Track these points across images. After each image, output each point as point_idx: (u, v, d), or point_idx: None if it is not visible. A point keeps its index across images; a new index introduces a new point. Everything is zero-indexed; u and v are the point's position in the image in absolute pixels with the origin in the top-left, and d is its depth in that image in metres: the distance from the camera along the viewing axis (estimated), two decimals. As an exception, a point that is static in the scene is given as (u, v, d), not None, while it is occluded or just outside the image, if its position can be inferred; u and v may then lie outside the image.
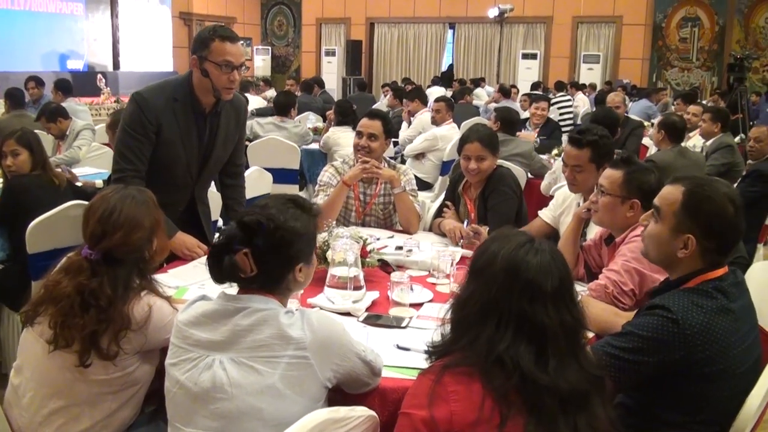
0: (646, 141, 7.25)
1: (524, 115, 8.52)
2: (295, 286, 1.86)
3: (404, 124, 8.11)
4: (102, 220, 2.05)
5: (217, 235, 2.53)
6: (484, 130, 3.75)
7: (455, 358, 1.53)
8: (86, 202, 2.21)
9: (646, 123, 8.45)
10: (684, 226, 1.94)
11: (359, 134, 3.67)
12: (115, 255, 2.04)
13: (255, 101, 9.19)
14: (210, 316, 1.74)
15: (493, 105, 10.86)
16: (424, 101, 7.76)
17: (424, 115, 7.37)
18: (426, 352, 1.67)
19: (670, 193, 2.00)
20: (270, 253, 1.75)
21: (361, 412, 1.62)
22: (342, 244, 2.57)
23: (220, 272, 1.78)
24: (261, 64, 19.70)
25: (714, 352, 1.82)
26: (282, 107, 6.78)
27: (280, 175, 6.11)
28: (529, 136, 6.61)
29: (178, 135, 2.96)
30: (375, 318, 2.41)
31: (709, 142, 6.11)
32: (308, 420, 1.52)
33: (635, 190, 2.61)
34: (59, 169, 4.13)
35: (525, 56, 16.61)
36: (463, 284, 1.64)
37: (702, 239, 1.92)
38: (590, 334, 2.08)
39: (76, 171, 5.22)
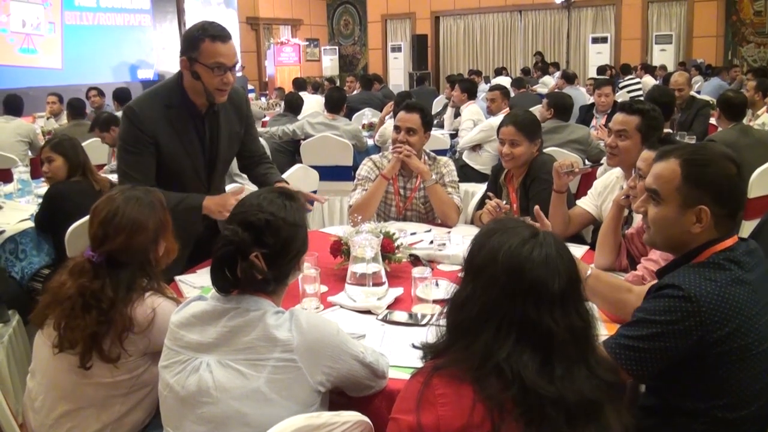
0: (714, 121, 6.86)
1: (591, 100, 8.21)
2: (293, 279, 1.83)
3: (449, 110, 8.00)
4: (104, 223, 2.03)
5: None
6: (522, 115, 3.61)
7: (446, 360, 1.41)
8: None
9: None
10: (692, 199, 1.76)
11: (397, 129, 3.59)
12: (117, 258, 2.02)
13: (316, 101, 9.09)
14: (200, 317, 1.68)
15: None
16: (472, 95, 7.52)
17: (470, 108, 7.18)
18: (421, 349, 1.57)
19: (664, 169, 1.81)
20: (281, 251, 1.71)
21: (348, 417, 1.52)
22: (361, 240, 2.48)
23: (233, 280, 1.69)
24: (329, 64, 19.84)
25: (733, 327, 1.64)
26: (334, 103, 6.74)
27: (334, 173, 6.07)
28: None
29: (178, 142, 2.82)
30: (393, 315, 2.31)
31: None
32: (283, 426, 1.43)
33: None
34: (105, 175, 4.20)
35: (595, 40, 16.09)
36: (461, 283, 1.49)
37: (714, 206, 1.75)
38: (603, 333, 1.89)
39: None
